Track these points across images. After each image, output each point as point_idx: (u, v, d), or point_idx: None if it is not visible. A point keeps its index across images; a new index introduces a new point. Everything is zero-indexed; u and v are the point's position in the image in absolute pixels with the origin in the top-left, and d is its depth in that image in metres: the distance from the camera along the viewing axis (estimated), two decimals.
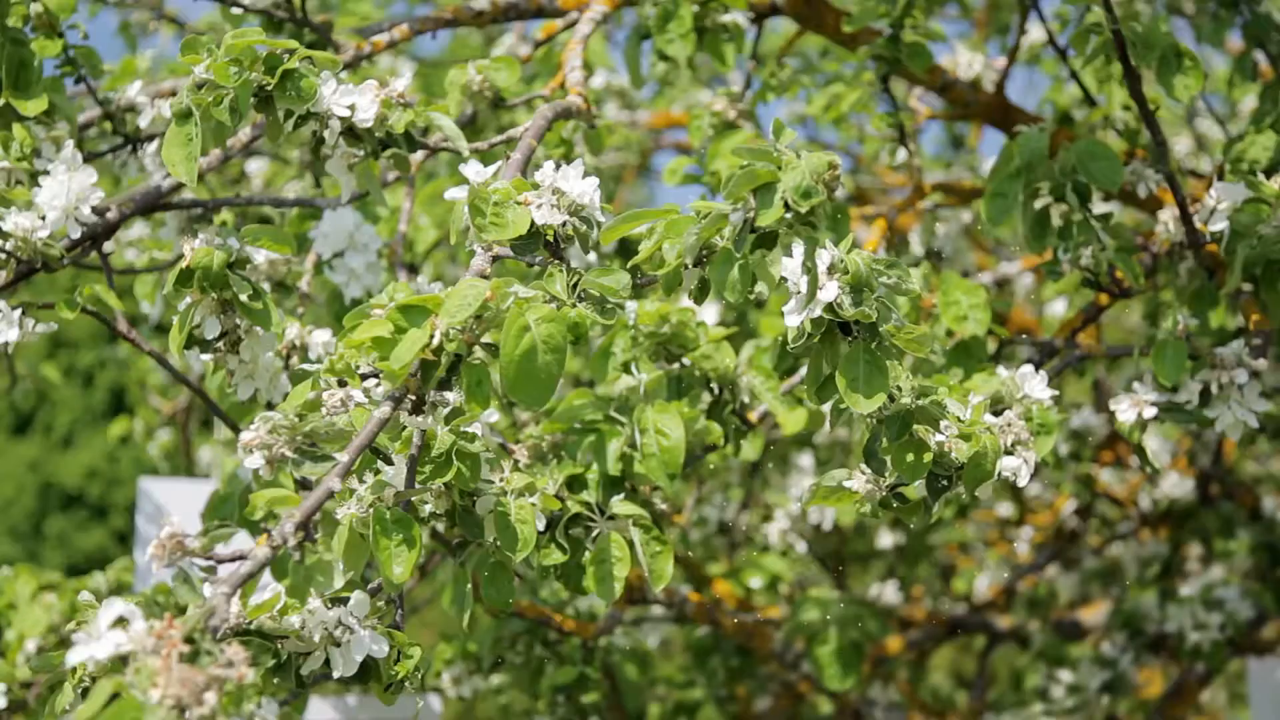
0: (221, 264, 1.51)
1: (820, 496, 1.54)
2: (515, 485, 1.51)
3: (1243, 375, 1.77)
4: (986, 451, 1.45)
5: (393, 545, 1.30)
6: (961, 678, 3.67)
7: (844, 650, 2.31)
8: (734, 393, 1.75)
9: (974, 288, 1.91)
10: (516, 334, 1.17)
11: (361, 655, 1.29)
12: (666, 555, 1.62)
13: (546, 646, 2.28)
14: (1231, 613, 2.46)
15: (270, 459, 1.21)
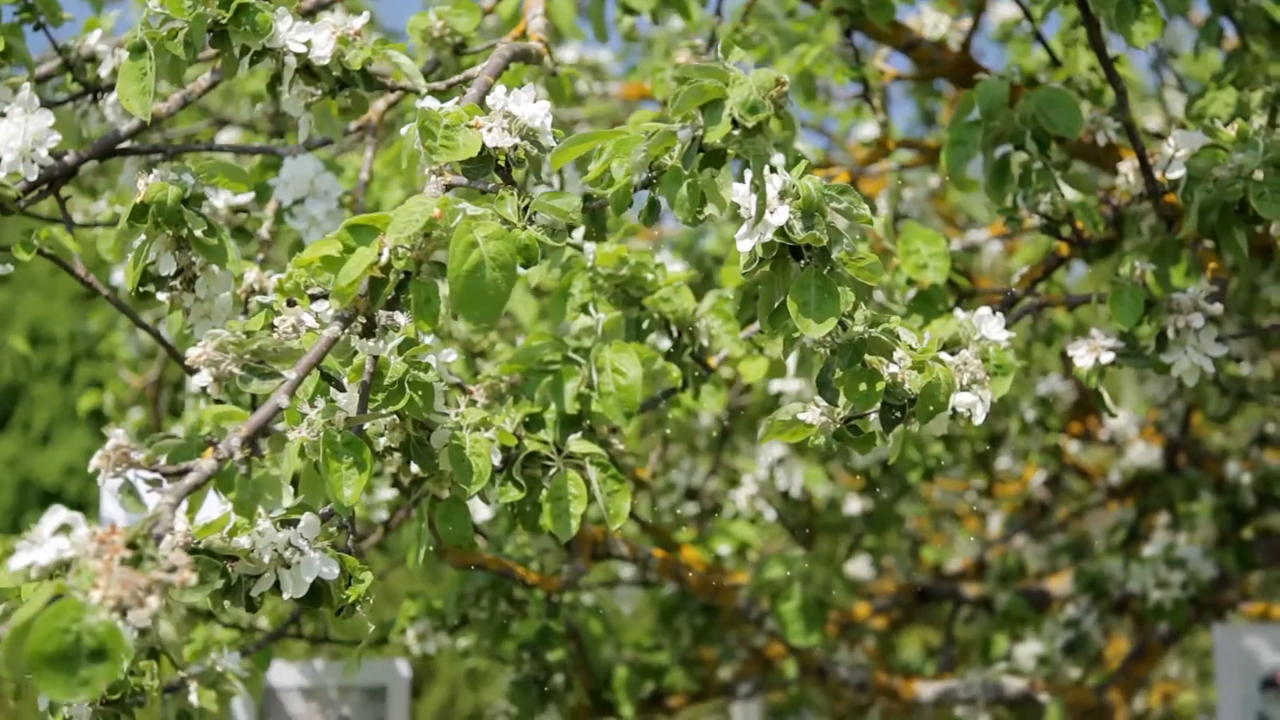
0: (176, 199, 1.51)
1: (775, 431, 1.55)
2: (471, 420, 1.52)
3: (1199, 320, 1.78)
4: (939, 383, 1.45)
5: (343, 468, 1.30)
6: (931, 650, 3.68)
7: (808, 606, 2.31)
8: (693, 336, 1.75)
9: (934, 236, 1.92)
10: (464, 250, 1.17)
11: (311, 577, 1.28)
12: (624, 494, 1.63)
13: (511, 603, 2.28)
14: (1194, 572, 2.47)
15: (218, 376, 1.21)
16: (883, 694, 2.41)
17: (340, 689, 2.82)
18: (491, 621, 2.27)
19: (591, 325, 1.67)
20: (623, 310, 1.73)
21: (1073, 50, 2.54)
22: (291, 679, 2.78)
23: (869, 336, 1.41)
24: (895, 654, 3.71)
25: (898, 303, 1.92)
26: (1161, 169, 1.84)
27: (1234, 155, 1.72)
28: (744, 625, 2.85)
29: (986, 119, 1.86)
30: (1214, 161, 1.74)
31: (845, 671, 2.38)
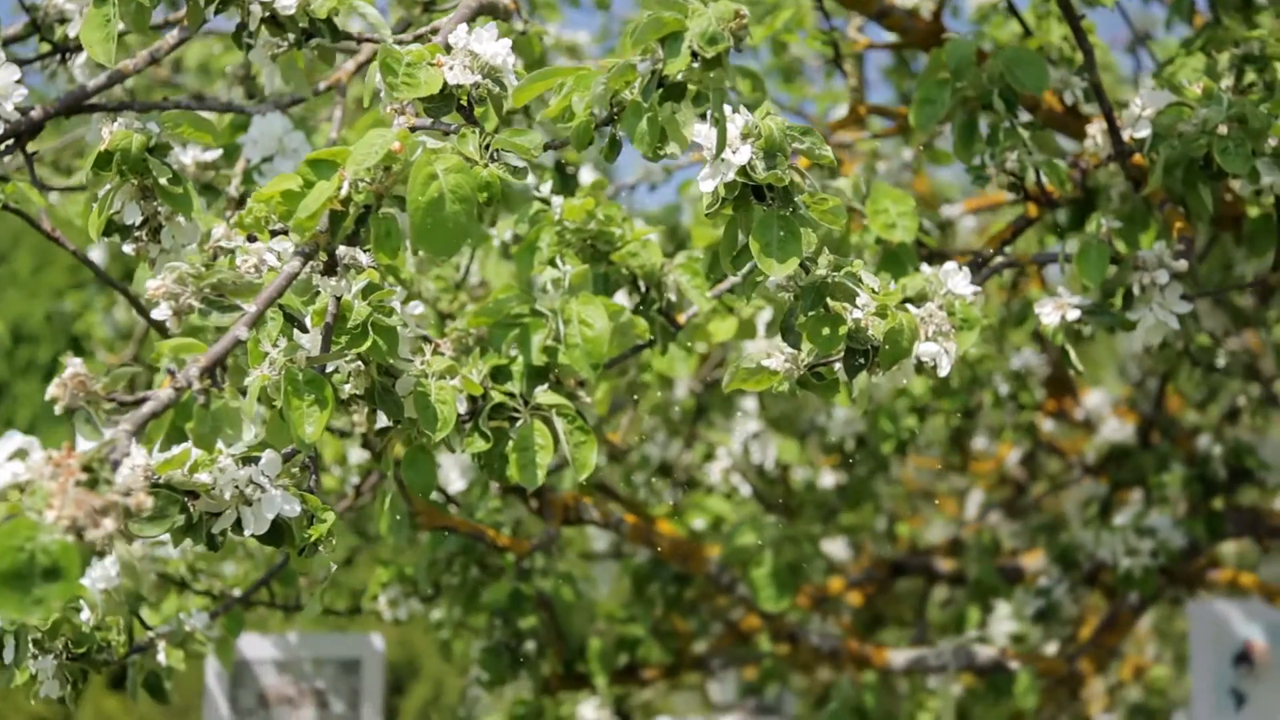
0: (140, 147, 1.50)
1: (740, 379, 1.55)
2: (436, 368, 1.52)
3: (1164, 276, 1.79)
4: (903, 329, 1.45)
5: (304, 405, 1.30)
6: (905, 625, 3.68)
7: (779, 572, 2.32)
8: (661, 291, 1.76)
9: (902, 196, 1.92)
10: (423, 182, 1.17)
11: (272, 514, 1.28)
12: (590, 445, 1.63)
13: (483, 569, 2.28)
14: (1164, 541, 2.48)
15: (177, 309, 1.20)
16: (854, 661, 2.41)
17: (314, 661, 2.82)
18: (463, 587, 2.27)
19: (559, 278, 1.67)
20: (590, 265, 1.73)
21: (1045, 22, 2.55)
22: (265, 651, 2.78)
23: (832, 280, 1.41)
24: (872, 633, 3.71)
25: (866, 262, 1.92)
26: (1128, 128, 1.85)
27: (1199, 111, 1.73)
28: (718, 598, 2.86)
29: (955, 78, 1.86)
30: (1179, 118, 1.75)
31: (817, 638, 2.38)
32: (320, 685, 2.81)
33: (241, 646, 2.73)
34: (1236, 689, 3.05)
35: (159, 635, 1.96)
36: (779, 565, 2.32)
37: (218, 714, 2.73)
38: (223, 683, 2.73)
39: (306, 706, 2.81)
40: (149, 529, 1.23)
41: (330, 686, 2.82)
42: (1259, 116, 1.68)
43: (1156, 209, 1.95)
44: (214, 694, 2.72)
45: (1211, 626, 2.98)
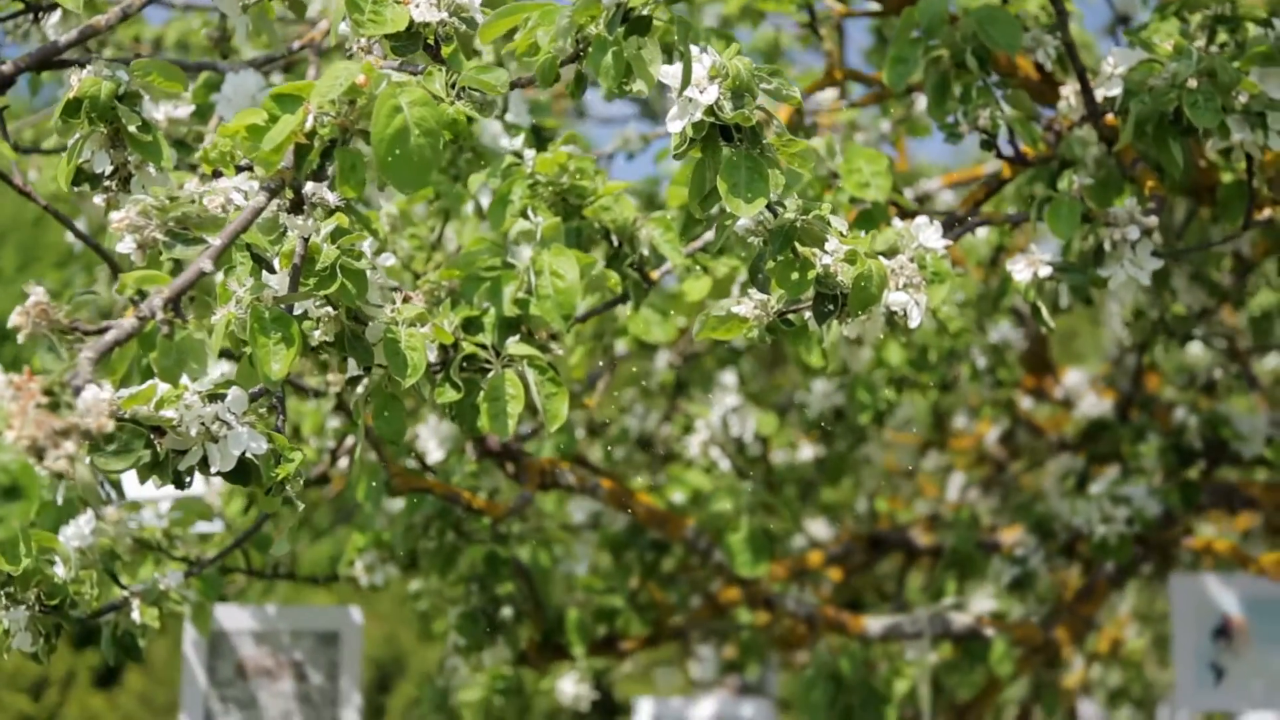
0: (109, 94, 1.50)
1: (710, 327, 1.55)
2: (406, 315, 1.52)
3: (1134, 232, 1.80)
4: (872, 275, 1.46)
5: (270, 343, 1.30)
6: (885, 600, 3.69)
7: (754, 537, 2.32)
8: (633, 246, 1.76)
9: (876, 155, 1.93)
10: (388, 114, 1.17)
11: (239, 450, 1.28)
12: (561, 397, 1.63)
13: (459, 534, 2.28)
14: (1139, 509, 2.49)
15: (141, 242, 1.20)
16: (830, 627, 2.42)
17: (292, 633, 2.81)
18: (440, 552, 2.27)
19: (530, 229, 1.67)
20: (563, 219, 1.73)
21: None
22: (243, 622, 2.77)
23: (801, 224, 1.41)
24: (853, 608, 3.72)
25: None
26: (1101, 88, 1.86)
27: (1169, 65, 1.73)
28: (696, 570, 2.86)
29: (927, 36, 1.87)
30: (1150, 74, 1.76)
31: (793, 604, 2.38)
32: (298, 657, 2.81)
33: (219, 617, 2.72)
34: (1216, 663, 3.06)
35: (133, 594, 1.96)
36: (754, 530, 2.32)
37: (195, 684, 2.72)
38: (200, 653, 2.72)
39: (284, 678, 2.81)
40: (114, 463, 1.23)
41: (308, 658, 2.81)
42: (1228, 70, 1.69)
43: (1129, 170, 1.96)
44: (191, 664, 2.72)
45: (1193, 600, 2.99)
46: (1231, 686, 3.05)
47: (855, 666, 2.38)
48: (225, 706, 2.76)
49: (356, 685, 2.84)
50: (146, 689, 14.88)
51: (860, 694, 2.38)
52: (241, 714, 2.76)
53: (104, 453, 1.22)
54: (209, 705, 2.74)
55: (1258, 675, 3.07)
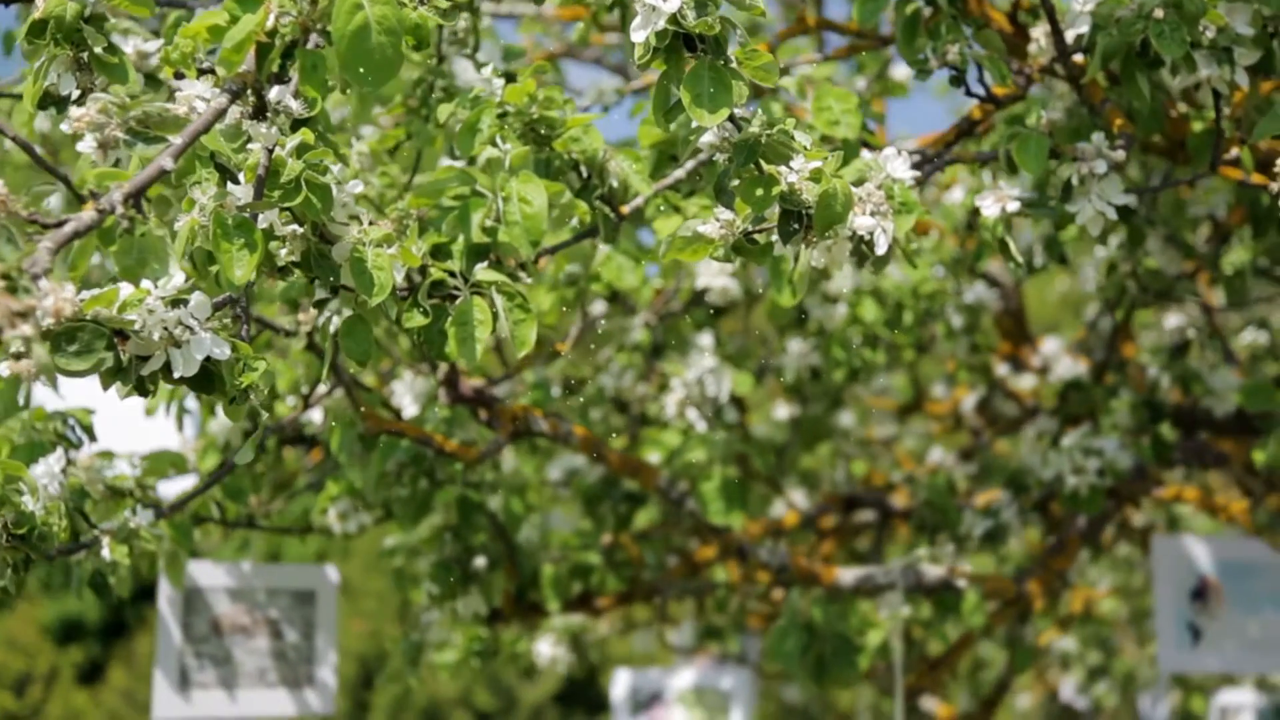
0: (75, 15, 1.50)
1: (677, 249, 1.56)
2: (373, 236, 1.52)
3: (1102, 166, 1.81)
4: (836, 194, 1.46)
5: (234, 249, 1.30)
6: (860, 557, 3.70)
7: (728, 485, 2.32)
8: (602, 178, 1.76)
9: (846, 94, 1.93)
10: (349, 11, 1.18)
11: (202, 355, 1.28)
12: (530, 323, 1.63)
13: (431, 481, 2.28)
14: (1110, 461, 2.49)
15: (102, 141, 1.20)
16: (802, 578, 2.42)
17: (268, 591, 2.81)
18: (413, 499, 2.27)
19: (499, 157, 1.67)
20: (532, 150, 1.73)
21: None
22: (219, 579, 2.77)
23: (766, 139, 1.42)
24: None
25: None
26: (1070, 27, 1.87)
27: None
28: (671, 527, 2.87)
29: None
30: (1118, 6, 1.77)
31: (765, 554, 2.39)
32: (274, 615, 2.81)
33: (194, 574, 2.72)
34: (1193, 624, 3.08)
35: (104, 531, 1.96)
36: (727, 479, 2.33)
37: (170, 640, 2.72)
38: (175, 609, 2.72)
39: (260, 635, 2.80)
40: (76, 363, 1.23)
41: (284, 616, 2.81)
42: (1194, 1, 1.70)
43: (1097, 110, 1.97)
44: (166, 620, 2.71)
45: (1173, 561, 3.01)
46: (1208, 647, 3.07)
47: (828, 616, 2.38)
48: (200, 663, 2.76)
49: (332, 644, 2.84)
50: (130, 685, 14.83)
51: (832, 643, 2.39)
52: (216, 670, 2.76)
53: (65, 353, 1.22)
54: (184, 661, 2.73)
55: (1231, 637, 3.09)
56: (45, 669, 14.25)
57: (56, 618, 14.91)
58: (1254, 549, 3.09)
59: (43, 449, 2.09)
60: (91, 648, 14.94)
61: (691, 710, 3.84)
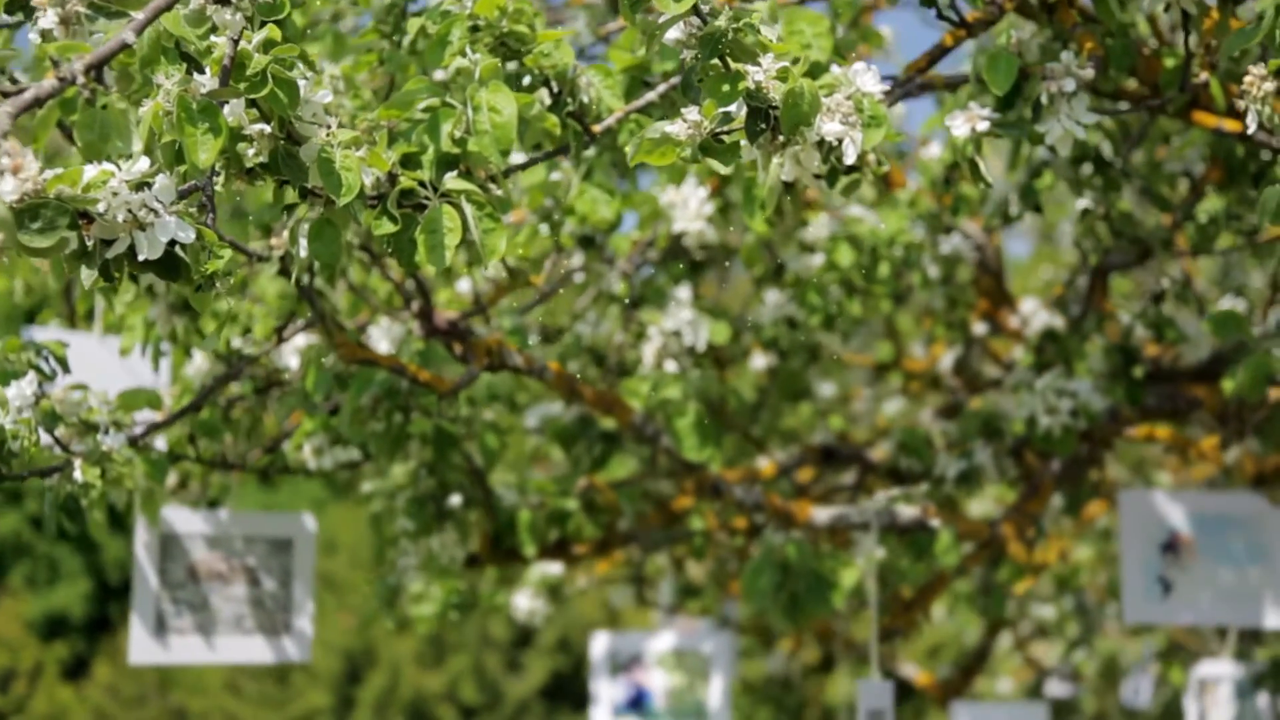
0: None
1: (645, 151, 1.56)
2: (341, 138, 1.52)
3: (1070, 84, 1.82)
4: (803, 93, 1.47)
5: (199, 133, 1.30)
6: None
7: (702, 423, 2.33)
8: (573, 94, 1.77)
9: (817, 17, 1.94)
10: None
11: (166, 238, 1.28)
12: (499, 232, 1.64)
13: (406, 415, 2.28)
14: (1084, 403, 2.51)
15: (64, 17, 1.21)
16: (777, 516, 2.43)
17: (245, 539, 2.81)
18: (388, 434, 2.27)
19: (468, 67, 1.68)
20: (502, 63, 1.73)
21: None
22: (195, 526, 2.77)
23: (732, 34, 1.43)
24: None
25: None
26: None
27: None
28: (647, 476, 2.87)
29: None
30: None
31: (740, 492, 2.40)
32: (251, 562, 2.81)
33: (171, 519, 2.72)
34: (1163, 576, 3.09)
35: (75, 454, 1.96)
36: (702, 416, 2.33)
37: (146, 585, 2.72)
38: (151, 554, 2.72)
39: (237, 583, 2.80)
40: (38, 240, 1.23)
41: (261, 564, 2.81)
42: None
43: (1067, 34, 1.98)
44: (142, 565, 2.71)
45: (1141, 515, 3.02)
46: (1179, 599, 3.09)
47: (802, 553, 2.39)
48: (177, 609, 2.76)
49: (309, 592, 2.84)
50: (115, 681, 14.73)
51: (806, 580, 2.39)
52: (193, 616, 2.76)
53: (28, 229, 1.22)
54: (160, 607, 2.73)
55: (1204, 588, 3.10)
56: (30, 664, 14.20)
57: (41, 613, 14.87)
58: (1227, 502, 3.10)
59: (15, 377, 2.09)
60: (76, 643, 14.90)
61: (671, 673, 3.85)
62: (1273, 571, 3.02)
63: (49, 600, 15.10)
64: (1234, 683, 4.97)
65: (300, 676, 13.99)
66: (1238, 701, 4.98)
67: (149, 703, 14.46)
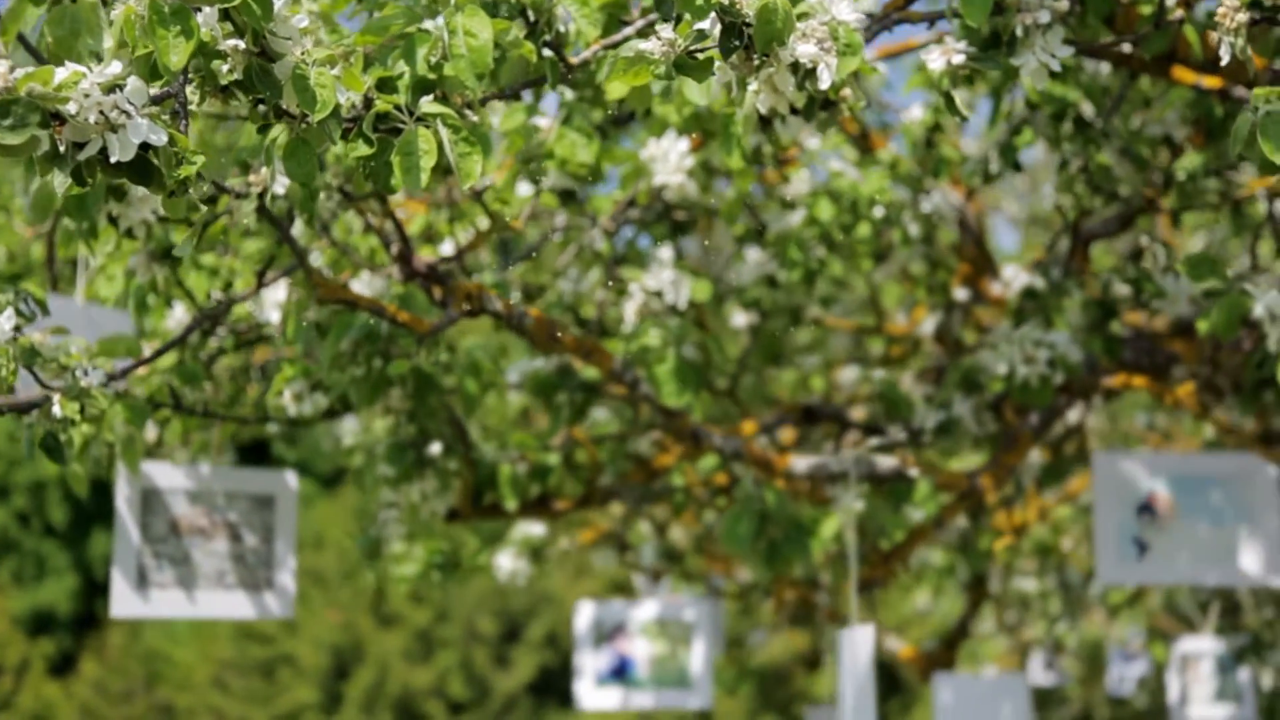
0: None
1: (619, 72, 1.57)
2: (316, 56, 1.53)
3: (1045, 16, 1.83)
4: (776, 8, 1.48)
5: (170, 35, 1.31)
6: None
7: (681, 368, 2.34)
8: (549, 24, 1.77)
9: None
10: None
11: (138, 140, 1.29)
12: (475, 155, 1.64)
13: (386, 360, 2.29)
14: (1061, 354, 2.52)
15: None
16: (756, 464, 2.44)
17: (227, 495, 2.81)
18: (367, 379, 2.28)
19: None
20: None
21: None
22: (177, 481, 2.77)
23: None
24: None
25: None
26: None
27: None
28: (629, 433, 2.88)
29: None
30: None
31: (720, 440, 2.40)
32: (233, 518, 2.81)
33: (152, 474, 2.72)
34: (1139, 538, 3.11)
35: (53, 389, 1.96)
36: (681, 362, 2.34)
37: (128, 539, 2.72)
38: (133, 508, 2.72)
39: (219, 538, 2.80)
40: (9, 137, 1.23)
41: (243, 520, 2.81)
42: None
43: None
44: (124, 518, 2.71)
45: (1116, 477, 3.04)
46: (1154, 560, 3.10)
47: (780, 500, 2.40)
48: (159, 563, 2.76)
49: (291, 549, 2.84)
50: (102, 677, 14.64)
51: (785, 528, 2.40)
52: (175, 571, 2.76)
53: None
54: (142, 561, 2.73)
55: (1181, 548, 3.11)
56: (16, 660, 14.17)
57: (28, 609, 14.83)
58: (1203, 463, 3.12)
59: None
60: (63, 639, 14.86)
61: (654, 641, 3.86)
62: (1255, 528, 3.03)
63: (36, 596, 15.06)
64: (1215, 658, 4.99)
65: (287, 672, 13.97)
66: (1219, 676, 5.01)
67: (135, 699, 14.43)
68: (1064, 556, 4.39)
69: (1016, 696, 4.03)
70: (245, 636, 14.26)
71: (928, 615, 6.79)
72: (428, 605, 14.05)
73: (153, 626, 15.08)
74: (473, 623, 14.16)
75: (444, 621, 14.06)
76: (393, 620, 13.94)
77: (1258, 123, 1.66)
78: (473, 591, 13.94)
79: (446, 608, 14.06)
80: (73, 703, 13.87)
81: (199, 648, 14.51)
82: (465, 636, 14.20)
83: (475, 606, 14.13)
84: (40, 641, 14.25)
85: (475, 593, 13.98)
